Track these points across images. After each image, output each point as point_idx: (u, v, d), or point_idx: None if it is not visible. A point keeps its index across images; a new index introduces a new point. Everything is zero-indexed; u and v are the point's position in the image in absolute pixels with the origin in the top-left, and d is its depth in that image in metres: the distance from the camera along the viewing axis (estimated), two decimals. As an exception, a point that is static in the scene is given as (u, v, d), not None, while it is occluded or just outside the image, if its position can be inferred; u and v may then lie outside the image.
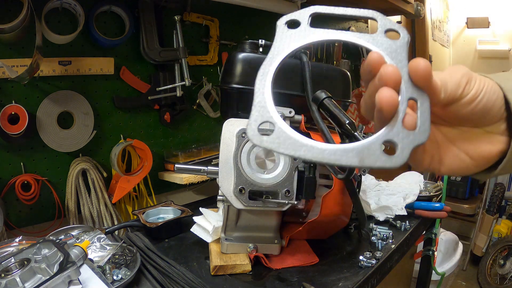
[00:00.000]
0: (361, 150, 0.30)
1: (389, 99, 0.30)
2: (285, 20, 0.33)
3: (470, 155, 0.39)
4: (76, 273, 0.66)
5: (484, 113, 0.36)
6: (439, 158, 0.39)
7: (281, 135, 0.30)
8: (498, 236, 2.89)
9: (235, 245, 0.88)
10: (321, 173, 0.91)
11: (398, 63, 0.32)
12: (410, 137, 0.30)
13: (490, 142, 0.38)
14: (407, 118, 0.31)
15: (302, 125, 0.88)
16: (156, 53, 1.30)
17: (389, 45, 0.32)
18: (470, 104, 0.35)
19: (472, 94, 0.35)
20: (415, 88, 0.31)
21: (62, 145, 1.15)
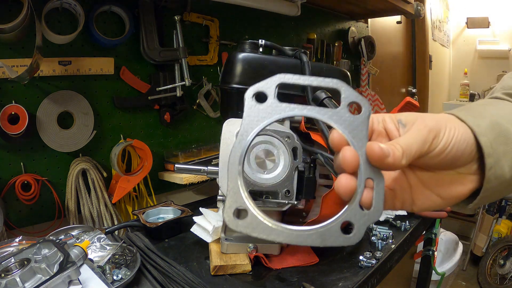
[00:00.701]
0: (323, 232, 0.33)
1: (346, 187, 0.34)
2: (252, 92, 0.34)
3: (441, 196, 0.40)
4: (76, 273, 0.66)
5: (454, 160, 0.38)
6: (411, 201, 0.41)
7: (254, 221, 0.33)
8: (498, 236, 2.89)
9: (235, 245, 0.88)
10: (321, 173, 0.91)
11: (358, 141, 0.34)
12: (365, 217, 0.33)
13: (461, 183, 0.40)
14: (363, 199, 0.34)
15: (302, 125, 0.88)
16: (156, 53, 1.30)
17: (351, 121, 0.34)
18: (439, 156, 0.37)
19: (440, 147, 0.36)
20: (373, 168, 0.34)
21: (62, 145, 1.15)
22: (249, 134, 0.34)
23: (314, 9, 2.12)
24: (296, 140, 0.81)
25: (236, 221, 0.33)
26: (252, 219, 0.33)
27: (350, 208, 0.34)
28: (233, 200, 0.33)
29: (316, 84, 0.34)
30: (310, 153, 0.85)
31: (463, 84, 4.30)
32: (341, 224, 0.33)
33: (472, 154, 0.38)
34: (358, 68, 2.57)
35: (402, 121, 0.39)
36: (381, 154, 0.33)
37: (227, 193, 0.34)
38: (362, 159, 0.33)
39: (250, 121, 0.34)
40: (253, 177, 0.78)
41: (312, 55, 2.10)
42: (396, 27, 3.26)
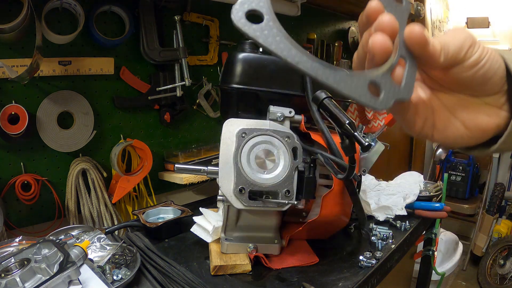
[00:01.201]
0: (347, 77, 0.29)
1: (382, 43, 0.30)
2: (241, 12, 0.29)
3: (465, 124, 0.38)
4: (76, 273, 0.66)
5: (485, 81, 0.35)
6: (433, 123, 0.38)
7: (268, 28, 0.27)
8: (498, 236, 2.89)
9: (235, 245, 0.88)
10: (321, 173, 0.91)
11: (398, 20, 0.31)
12: (395, 89, 0.31)
13: (487, 114, 0.38)
14: (396, 71, 0.31)
15: (302, 125, 0.88)
16: (156, 53, 1.30)
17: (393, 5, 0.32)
18: (472, 69, 0.34)
19: (474, 58, 0.34)
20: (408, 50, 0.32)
21: (62, 145, 1.15)
22: None
23: (314, 9, 2.12)
24: (296, 140, 0.81)
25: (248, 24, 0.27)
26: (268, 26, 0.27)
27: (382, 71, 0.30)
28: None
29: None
30: (310, 153, 0.85)
31: (463, 84, 4.29)
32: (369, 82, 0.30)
33: (502, 81, 0.36)
34: (358, 68, 2.57)
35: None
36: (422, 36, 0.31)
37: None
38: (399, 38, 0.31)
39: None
40: (253, 177, 0.78)
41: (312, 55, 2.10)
42: (396, 27, 3.25)
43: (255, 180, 0.78)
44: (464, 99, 0.38)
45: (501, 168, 3.25)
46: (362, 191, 1.18)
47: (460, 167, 3.13)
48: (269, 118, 0.85)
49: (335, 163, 0.79)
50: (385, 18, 0.31)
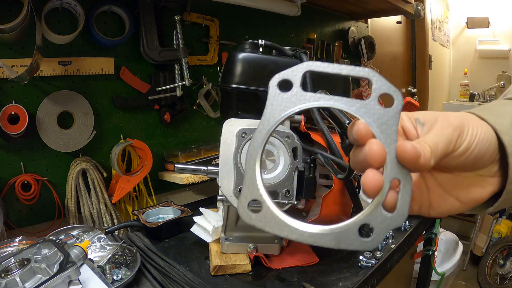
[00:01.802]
0: (338, 234, 0.31)
1: (373, 184, 0.31)
2: (277, 80, 0.32)
3: (459, 199, 0.39)
4: (76, 273, 0.66)
5: (476, 161, 0.36)
6: (429, 204, 0.39)
7: (268, 215, 0.31)
8: (498, 236, 2.89)
9: (235, 245, 0.88)
10: (321, 173, 0.91)
11: (387, 137, 0.31)
12: (387, 221, 0.31)
13: (481, 186, 0.38)
14: (387, 200, 0.31)
15: (302, 125, 0.88)
16: (156, 53, 1.30)
17: (381, 114, 0.31)
18: (462, 156, 0.35)
19: (463, 147, 0.35)
20: (400, 167, 0.31)
21: (62, 145, 1.15)
22: (271, 123, 0.32)
23: (314, 9, 2.12)
24: (296, 140, 0.81)
25: (250, 213, 0.32)
26: (266, 213, 0.31)
27: (372, 210, 0.31)
28: (249, 191, 0.32)
29: (346, 73, 0.32)
30: (310, 153, 0.85)
31: (463, 84, 4.30)
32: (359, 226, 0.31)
33: (494, 154, 0.37)
34: (358, 68, 2.57)
35: (420, 119, 0.37)
36: (414, 154, 0.31)
37: (243, 183, 0.32)
38: (389, 157, 0.31)
39: (273, 110, 0.32)
40: (253, 177, 0.78)
41: (312, 55, 2.10)
42: (396, 27, 3.26)
43: (255, 180, 0.78)
44: (457, 175, 0.39)
45: (501, 168, 3.24)
46: (362, 191, 1.18)
47: (460, 167, 3.13)
48: (269, 118, 0.85)
49: (335, 163, 0.79)
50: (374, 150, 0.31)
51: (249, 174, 0.32)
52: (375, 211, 0.31)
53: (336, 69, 0.32)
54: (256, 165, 0.32)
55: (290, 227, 0.31)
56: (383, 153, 0.31)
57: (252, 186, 0.32)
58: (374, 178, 0.31)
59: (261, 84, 0.90)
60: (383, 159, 0.31)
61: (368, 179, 0.31)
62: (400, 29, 3.39)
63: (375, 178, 0.31)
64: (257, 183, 0.32)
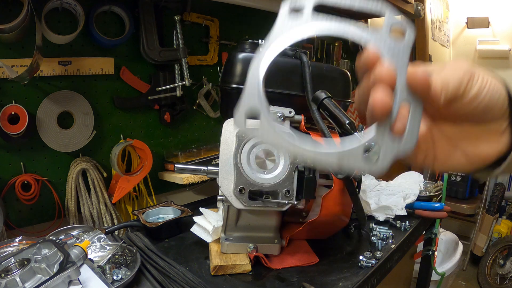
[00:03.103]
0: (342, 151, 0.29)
1: (382, 102, 0.29)
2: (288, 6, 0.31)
3: (466, 154, 0.38)
4: (76, 273, 0.66)
5: (486, 111, 0.35)
6: (434, 156, 0.39)
7: (265, 125, 0.30)
8: (498, 236, 2.89)
9: (235, 245, 0.88)
10: (321, 173, 0.91)
11: (397, 63, 0.30)
12: (395, 145, 0.30)
13: (488, 141, 0.38)
14: (396, 124, 0.30)
15: (302, 125, 0.88)
16: (156, 53, 1.30)
17: (392, 46, 0.31)
18: (472, 103, 0.34)
19: (474, 92, 0.34)
20: (411, 94, 0.30)
21: (62, 145, 1.15)
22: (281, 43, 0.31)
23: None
24: (296, 140, 0.81)
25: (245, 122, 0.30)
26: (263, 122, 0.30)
27: (379, 131, 0.30)
28: (248, 99, 0.30)
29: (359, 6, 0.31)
30: (310, 153, 0.85)
31: (463, 84, 4.29)
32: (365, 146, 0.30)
33: (503, 108, 0.36)
34: (358, 68, 2.57)
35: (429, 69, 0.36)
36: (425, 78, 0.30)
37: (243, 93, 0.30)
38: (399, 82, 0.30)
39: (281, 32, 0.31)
40: (253, 177, 0.78)
41: (312, 55, 2.10)
42: (396, 27, 3.25)
43: (255, 180, 0.78)
44: (465, 128, 0.38)
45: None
46: (362, 191, 1.18)
47: (460, 167, 3.13)
48: (269, 118, 0.85)
49: (335, 163, 0.78)
50: (383, 70, 0.30)
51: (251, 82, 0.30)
52: (383, 133, 0.30)
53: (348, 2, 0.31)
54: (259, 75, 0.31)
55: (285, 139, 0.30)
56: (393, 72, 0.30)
57: (253, 94, 0.30)
58: (384, 94, 0.29)
59: (261, 84, 0.90)
60: (393, 77, 0.30)
61: (376, 97, 0.29)
62: (400, 29, 3.39)
63: (384, 96, 0.29)
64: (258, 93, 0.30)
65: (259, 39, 0.97)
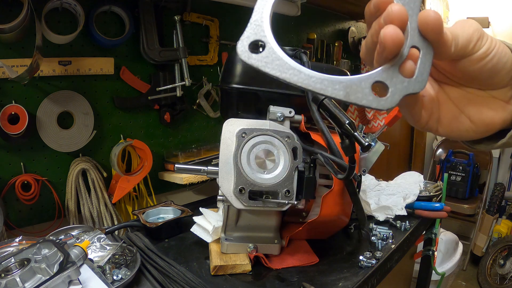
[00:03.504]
0: (350, 84, 0.28)
1: (394, 36, 0.28)
2: None
3: (471, 119, 0.38)
4: (76, 273, 0.66)
5: (493, 74, 0.35)
6: (438, 117, 0.38)
7: (271, 55, 0.29)
8: (498, 236, 2.89)
9: (235, 245, 0.88)
10: (321, 173, 0.91)
11: (409, 8, 0.29)
12: (404, 84, 0.29)
13: (493, 108, 0.37)
14: (406, 64, 0.29)
15: (302, 125, 0.88)
16: (156, 53, 1.30)
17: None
18: (480, 62, 0.34)
19: (483, 51, 0.33)
20: (422, 37, 0.30)
21: (62, 145, 1.15)
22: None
23: (314, 9, 2.12)
24: (296, 140, 0.81)
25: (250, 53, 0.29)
26: (269, 53, 0.29)
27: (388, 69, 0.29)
28: (253, 31, 0.29)
29: None
30: (310, 153, 0.85)
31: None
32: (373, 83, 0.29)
33: (510, 74, 0.35)
34: (358, 68, 2.57)
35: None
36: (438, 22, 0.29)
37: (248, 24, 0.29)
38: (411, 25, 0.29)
39: None
40: (253, 177, 0.78)
41: (312, 55, 2.10)
42: (396, 27, 3.25)
43: (255, 180, 0.78)
44: (471, 92, 0.37)
45: (501, 168, 3.25)
46: (362, 191, 1.18)
47: (460, 167, 3.13)
48: (269, 118, 0.85)
49: (335, 163, 0.79)
50: (395, 8, 0.29)
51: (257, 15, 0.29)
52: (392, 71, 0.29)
53: None
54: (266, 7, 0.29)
55: (294, 70, 0.29)
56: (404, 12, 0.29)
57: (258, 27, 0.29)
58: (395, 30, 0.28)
59: (261, 84, 0.90)
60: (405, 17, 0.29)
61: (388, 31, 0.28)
62: (400, 29, 3.39)
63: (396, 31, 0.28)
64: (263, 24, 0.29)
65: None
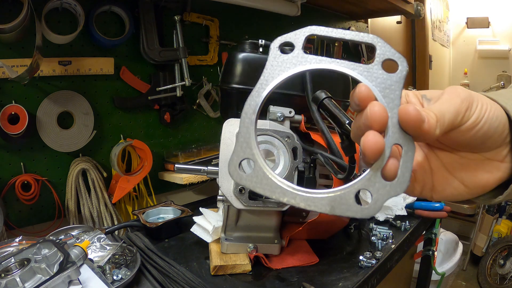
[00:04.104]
0: (334, 198, 0.30)
1: (373, 146, 0.28)
2: (279, 42, 0.32)
3: (464, 183, 0.37)
4: (76, 273, 0.66)
5: (485, 139, 0.34)
6: (431, 186, 0.38)
7: (259, 175, 0.30)
8: (498, 236, 2.89)
9: (235, 245, 0.88)
10: (321, 173, 0.91)
11: (390, 102, 0.30)
12: (386, 188, 0.29)
13: (488, 170, 0.36)
14: (388, 167, 0.29)
15: (302, 125, 0.88)
16: (156, 53, 1.30)
17: (384, 79, 0.30)
18: (470, 131, 0.33)
19: (472, 120, 0.33)
20: (403, 132, 0.30)
21: (62, 145, 1.15)
22: (269, 83, 0.31)
23: (314, 9, 2.12)
24: (296, 140, 0.81)
25: (241, 173, 0.30)
26: (258, 173, 0.30)
27: (370, 176, 0.29)
28: (242, 150, 0.31)
29: (350, 38, 0.31)
30: (310, 153, 0.85)
31: (463, 84, 4.30)
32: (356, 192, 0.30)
33: (503, 135, 0.34)
34: (358, 68, 2.57)
35: (427, 96, 0.35)
36: (417, 117, 0.28)
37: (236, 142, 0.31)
38: (392, 121, 0.29)
39: (272, 70, 0.31)
40: (253, 177, 0.78)
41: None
42: (396, 27, 3.26)
43: (255, 180, 0.78)
44: (464, 156, 0.37)
45: (501, 168, 3.24)
46: (362, 191, 1.18)
47: (460, 167, 3.13)
48: (269, 118, 0.85)
49: (335, 163, 0.79)
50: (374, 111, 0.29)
51: (243, 132, 0.31)
52: (374, 177, 0.29)
53: (339, 34, 0.31)
54: (251, 124, 0.31)
55: (282, 189, 0.30)
56: (384, 114, 0.29)
57: (246, 144, 0.31)
58: (375, 139, 0.28)
59: (261, 84, 0.90)
60: (385, 121, 0.29)
61: (368, 140, 0.29)
62: (400, 29, 3.39)
63: (376, 139, 0.28)
64: (251, 142, 0.31)
65: (259, 39, 0.97)
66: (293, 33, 0.32)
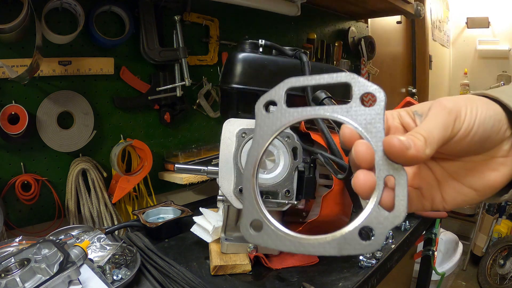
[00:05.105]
0: (339, 241, 0.31)
1: (363, 186, 0.30)
2: (262, 103, 0.34)
3: (474, 188, 0.36)
4: (76, 273, 0.66)
5: (483, 142, 0.34)
6: (441, 198, 0.37)
7: (269, 232, 0.33)
8: (498, 236, 2.89)
9: (235, 245, 0.88)
10: (321, 173, 0.91)
11: (373, 137, 0.31)
12: (387, 220, 0.30)
13: (494, 168, 0.36)
14: (383, 200, 0.30)
15: (302, 125, 0.88)
16: (156, 53, 1.30)
17: (365, 115, 0.31)
18: (465, 139, 0.33)
19: (464, 128, 0.33)
20: (391, 163, 0.30)
21: (62, 145, 1.15)
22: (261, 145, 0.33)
23: (314, 9, 2.12)
24: (296, 140, 0.81)
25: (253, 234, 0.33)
26: (267, 231, 0.33)
27: (369, 211, 0.31)
28: (249, 212, 0.33)
29: (326, 82, 0.32)
30: (310, 153, 0.85)
31: (463, 84, 4.30)
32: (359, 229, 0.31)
33: (501, 132, 0.34)
34: (358, 68, 2.57)
35: (418, 111, 0.35)
36: (401, 147, 0.29)
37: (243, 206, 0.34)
38: (379, 154, 0.30)
39: (262, 132, 0.34)
40: (253, 177, 0.78)
41: (312, 55, 2.10)
42: (396, 27, 3.26)
43: (255, 180, 0.78)
44: (469, 161, 0.36)
45: (501, 168, 3.24)
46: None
47: (460, 167, 3.13)
48: (269, 118, 0.85)
49: (335, 163, 0.79)
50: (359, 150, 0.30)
51: (247, 196, 0.33)
52: (373, 211, 0.31)
53: (316, 81, 0.33)
54: (253, 187, 0.33)
55: (291, 241, 0.32)
56: (369, 152, 0.30)
57: (252, 207, 0.33)
58: (364, 179, 0.30)
59: (261, 84, 0.90)
60: (371, 158, 0.30)
61: (357, 180, 0.30)
62: (400, 29, 3.39)
63: (365, 179, 0.30)
64: (256, 204, 0.33)
65: (259, 39, 0.97)
66: (273, 90, 0.34)
